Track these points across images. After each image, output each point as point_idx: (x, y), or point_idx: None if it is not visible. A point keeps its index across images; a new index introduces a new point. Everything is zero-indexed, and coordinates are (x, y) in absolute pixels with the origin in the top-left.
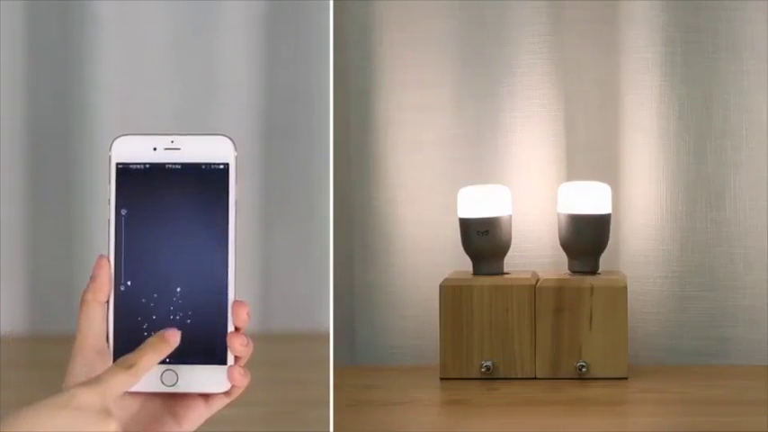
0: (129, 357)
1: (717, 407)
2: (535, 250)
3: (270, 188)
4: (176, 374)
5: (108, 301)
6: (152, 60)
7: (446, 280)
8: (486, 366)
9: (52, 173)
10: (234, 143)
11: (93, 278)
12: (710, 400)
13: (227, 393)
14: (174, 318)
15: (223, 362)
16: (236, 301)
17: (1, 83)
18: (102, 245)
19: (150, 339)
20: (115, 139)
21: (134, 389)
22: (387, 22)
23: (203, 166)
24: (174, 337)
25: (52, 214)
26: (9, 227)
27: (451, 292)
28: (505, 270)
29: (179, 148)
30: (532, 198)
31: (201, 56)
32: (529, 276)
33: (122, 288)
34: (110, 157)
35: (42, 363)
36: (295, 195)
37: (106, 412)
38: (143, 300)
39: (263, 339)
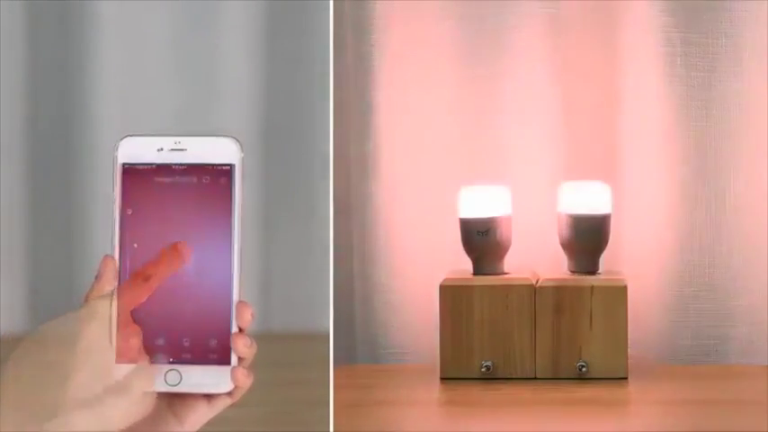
0: (145, 268)
1: (717, 407)
2: (535, 250)
3: (270, 188)
4: (180, 374)
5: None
6: (152, 60)
7: (446, 280)
8: (486, 366)
9: (52, 172)
10: (240, 144)
11: (98, 278)
12: (710, 400)
13: (229, 394)
14: (178, 317)
15: (226, 363)
16: (239, 302)
17: (1, 83)
18: (103, 244)
19: (164, 251)
20: (121, 140)
21: None
22: (387, 22)
23: (209, 167)
24: (187, 252)
25: (52, 214)
26: (9, 227)
27: (451, 292)
28: (505, 270)
29: (185, 149)
30: (532, 198)
31: (201, 56)
32: (529, 276)
33: None
34: (115, 157)
35: None
36: (295, 195)
37: (125, 322)
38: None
39: (263, 339)
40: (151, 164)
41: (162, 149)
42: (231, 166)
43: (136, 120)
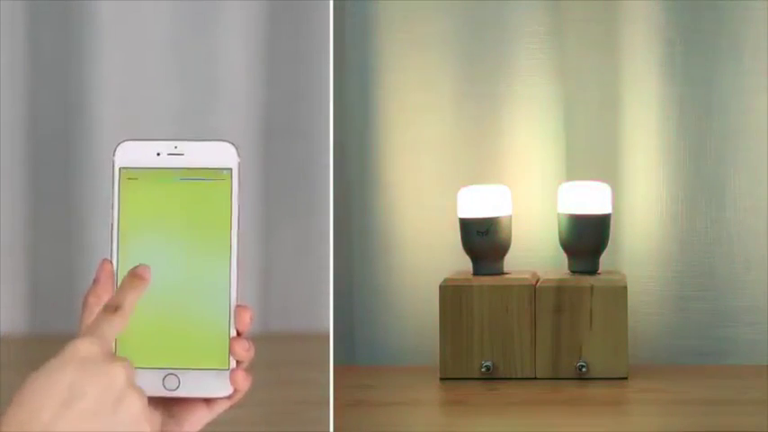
0: (113, 300)
1: (717, 407)
2: (535, 250)
3: (270, 188)
4: (178, 379)
5: None
6: (152, 61)
7: (446, 280)
8: (486, 366)
9: (52, 173)
10: (237, 149)
11: (95, 281)
12: (710, 400)
13: (228, 397)
14: (176, 321)
15: (225, 366)
16: (238, 306)
17: (1, 83)
18: (102, 245)
19: (125, 279)
20: (119, 145)
21: None
22: (387, 22)
23: (207, 172)
24: (146, 272)
25: (52, 214)
26: (9, 227)
27: (451, 292)
28: (505, 270)
29: (182, 154)
30: (532, 198)
31: (201, 56)
32: (529, 276)
33: None
34: (113, 161)
35: (42, 363)
36: (295, 195)
37: (110, 356)
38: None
39: (262, 340)
40: (149, 168)
41: (160, 154)
42: (229, 170)
43: (135, 120)
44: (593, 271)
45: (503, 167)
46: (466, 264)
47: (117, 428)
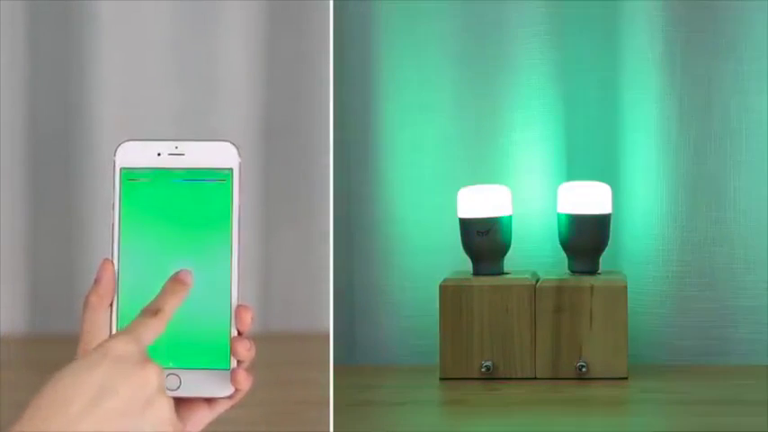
0: (154, 303)
1: (717, 407)
2: (535, 250)
3: (270, 188)
4: (179, 379)
5: (112, 305)
6: (152, 61)
7: (446, 280)
8: (486, 366)
9: (52, 173)
10: (238, 149)
11: (97, 281)
12: (710, 400)
13: (229, 397)
14: (177, 321)
15: (226, 366)
16: (239, 306)
17: (1, 84)
18: (102, 245)
19: (167, 284)
20: (120, 145)
21: None
22: (387, 22)
23: (207, 172)
24: (188, 277)
25: (52, 214)
26: (9, 227)
27: (451, 292)
28: (505, 270)
29: (183, 154)
30: (532, 198)
31: (201, 56)
32: (529, 276)
33: (126, 292)
34: (114, 162)
35: (42, 363)
36: (295, 195)
37: (145, 358)
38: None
39: (263, 340)
40: (150, 168)
41: (161, 154)
42: (230, 170)
43: (135, 120)
44: (593, 271)
45: (503, 167)
46: (466, 264)
47: (143, 430)
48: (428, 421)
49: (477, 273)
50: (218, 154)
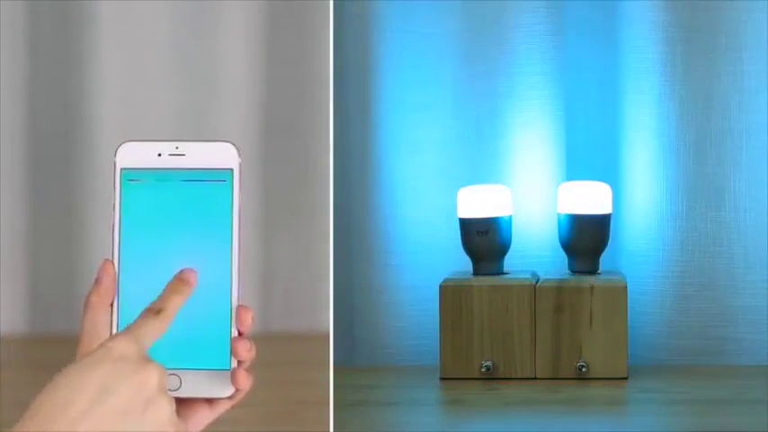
0: (156, 303)
1: (717, 407)
2: (535, 250)
3: (270, 188)
4: (180, 379)
5: (112, 305)
6: (152, 61)
7: (446, 280)
8: (486, 366)
9: (52, 173)
10: (238, 150)
11: (97, 281)
12: (710, 400)
13: (230, 397)
14: (177, 322)
15: (226, 366)
16: (240, 306)
17: (1, 84)
18: (102, 246)
19: (170, 283)
20: (120, 145)
21: None
22: (387, 22)
23: (207, 172)
24: (192, 276)
25: (52, 214)
26: (9, 227)
27: (451, 292)
28: (505, 270)
29: (183, 154)
30: (532, 198)
31: (201, 56)
32: (529, 276)
33: (126, 292)
34: (114, 162)
35: (42, 363)
36: (295, 195)
37: (146, 359)
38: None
39: (263, 340)
40: (150, 169)
41: (161, 154)
42: (230, 170)
43: (135, 120)
44: (593, 271)
45: (503, 167)
46: (466, 264)
47: (144, 429)
48: (428, 421)
49: (477, 273)
50: (219, 154)
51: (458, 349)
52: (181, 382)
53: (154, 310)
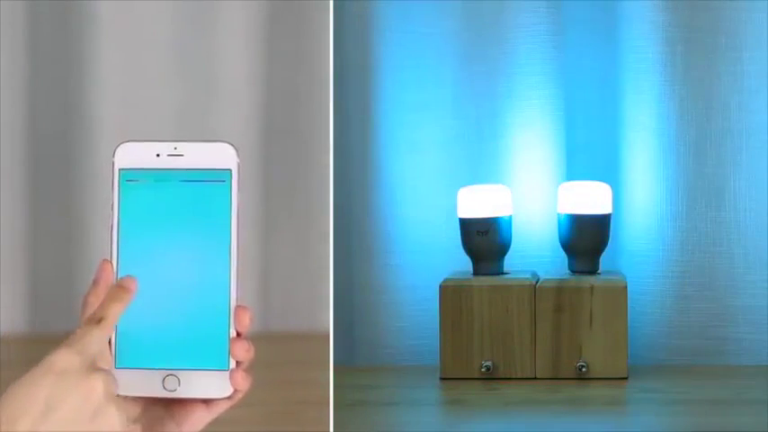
0: (97, 312)
1: (717, 407)
2: (535, 250)
3: (270, 188)
4: (178, 380)
5: None
6: (152, 61)
7: (446, 280)
8: (486, 366)
9: (52, 173)
10: (237, 150)
11: (95, 282)
12: (710, 400)
13: (228, 397)
14: (176, 322)
15: (225, 367)
16: (238, 306)
17: (1, 84)
18: (102, 246)
19: (110, 291)
20: (119, 146)
21: (136, 394)
22: (387, 22)
23: (206, 173)
24: (132, 284)
25: (52, 214)
26: (9, 227)
27: (451, 292)
28: (505, 270)
29: (182, 155)
30: (532, 198)
31: (201, 56)
32: (529, 276)
33: None
34: (113, 162)
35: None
36: (295, 196)
37: (89, 368)
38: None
39: (262, 340)
40: (149, 169)
41: (160, 155)
42: (228, 171)
43: (135, 120)
44: (593, 271)
45: (503, 167)
46: (466, 264)
47: None
48: (428, 421)
49: (477, 273)
50: (217, 155)
51: (458, 349)
52: (179, 383)
53: (95, 320)
